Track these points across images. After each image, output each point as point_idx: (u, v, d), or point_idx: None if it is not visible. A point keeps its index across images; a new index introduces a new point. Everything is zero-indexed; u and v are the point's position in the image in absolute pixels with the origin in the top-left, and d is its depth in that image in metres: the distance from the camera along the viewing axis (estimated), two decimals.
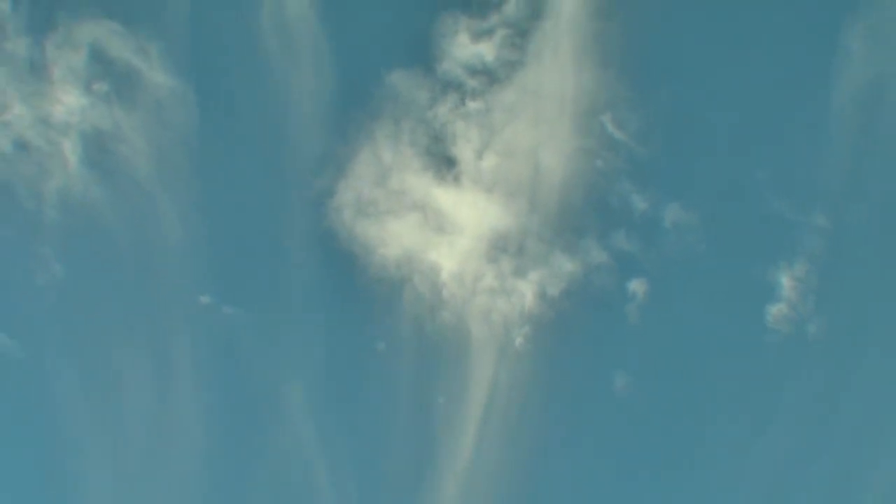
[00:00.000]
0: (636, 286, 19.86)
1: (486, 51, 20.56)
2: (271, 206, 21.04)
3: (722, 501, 19.31)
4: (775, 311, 19.47)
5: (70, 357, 20.58)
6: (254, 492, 20.08)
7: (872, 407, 19.05)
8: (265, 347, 20.90)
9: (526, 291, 20.19)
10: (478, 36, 20.57)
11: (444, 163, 20.83)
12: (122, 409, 20.44)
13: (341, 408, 20.42)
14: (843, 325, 19.52)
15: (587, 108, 20.31)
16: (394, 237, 20.80)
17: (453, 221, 20.68)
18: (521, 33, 20.49)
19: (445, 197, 20.76)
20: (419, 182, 20.90)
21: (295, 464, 20.04)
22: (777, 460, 19.23)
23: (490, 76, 20.63)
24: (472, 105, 20.66)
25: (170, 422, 20.43)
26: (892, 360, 19.13)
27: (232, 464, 20.35)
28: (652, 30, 20.10)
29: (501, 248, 20.43)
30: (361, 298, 20.74)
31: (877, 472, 18.75)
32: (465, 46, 20.58)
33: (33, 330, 20.57)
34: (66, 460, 20.29)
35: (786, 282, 19.48)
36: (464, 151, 20.75)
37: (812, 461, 19.18)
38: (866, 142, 19.34)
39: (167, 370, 20.58)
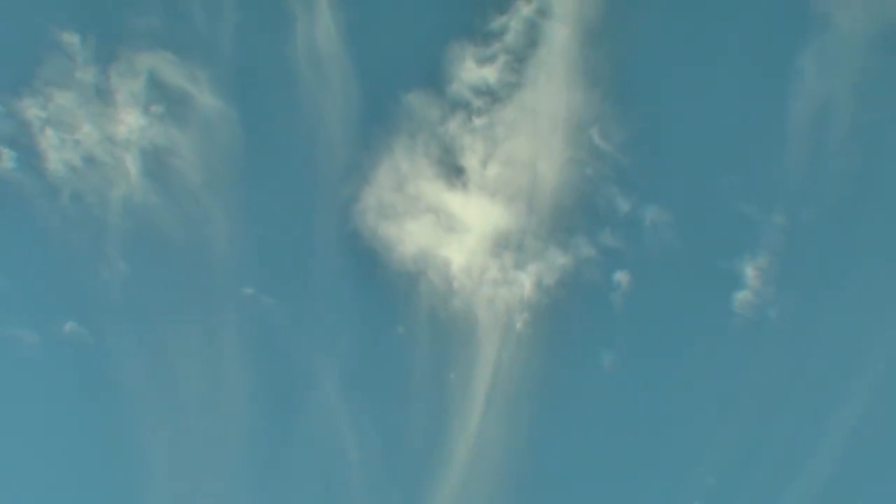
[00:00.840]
0: (620, 277, 22.97)
1: (490, 74, 23.69)
2: (304, 210, 24.27)
3: (695, 461, 22.37)
4: (741, 297, 22.54)
5: (132, 341, 23.85)
6: (292, 455, 23.32)
7: (823, 379, 22.09)
8: (299, 332, 24.12)
9: (525, 282, 23.35)
10: (482, 61, 23.71)
11: (453, 171, 24.00)
12: (177, 385, 23.71)
13: (366, 383, 23.62)
14: (799, 310, 22.55)
15: (577, 124, 23.41)
16: (410, 236, 23.95)
17: (462, 222, 23.83)
18: (520, 59, 23.62)
19: (455, 201, 23.92)
20: (432, 188, 24.05)
21: (327, 431, 23.26)
22: (742, 424, 22.28)
23: (493, 96, 23.79)
24: (478, 121, 23.82)
25: (218, 396, 23.69)
26: (839, 339, 22.15)
27: (272, 431, 23.61)
28: (632, 56, 23.19)
29: (503, 244, 23.59)
30: (383, 289, 23.92)
31: (826, 435, 21.76)
32: (471, 70, 23.72)
33: (101, 319, 23.82)
34: (129, 429, 23.51)
35: (750, 272, 22.52)
36: (471, 161, 23.89)
37: (772, 423, 22.21)
38: (818, 151, 22.32)
39: (216, 351, 23.85)
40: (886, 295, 22.11)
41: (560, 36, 23.38)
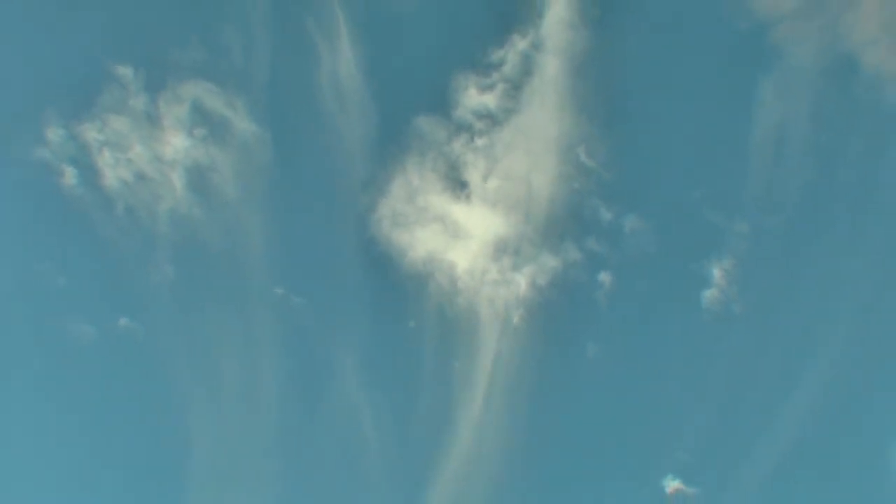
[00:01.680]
0: (604, 277, 26.32)
1: (490, 100, 27.05)
2: (328, 219, 27.68)
3: (669, 439, 25.63)
4: (708, 295, 25.85)
5: (178, 334, 27.28)
6: (317, 431, 26.74)
7: (780, 365, 25.39)
8: (323, 326, 27.53)
9: (521, 282, 26.72)
10: (483, 89, 27.07)
11: (458, 185, 27.36)
12: (217, 372, 27.12)
13: (381, 370, 27.01)
14: (759, 306, 25.85)
15: (566, 143, 26.74)
16: (420, 242, 27.32)
17: (465, 229, 27.20)
18: (516, 87, 26.98)
19: (459, 211, 27.29)
20: (439, 200, 27.41)
21: (348, 411, 26.66)
22: (710, 406, 25.59)
23: (492, 119, 27.15)
24: (479, 141, 27.18)
25: (254, 381, 27.12)
26: (794, 331, 25.44)
27: (301, 411, 27.04)
28: (615, 85, 26.48)
29: (502, 249, 26.95)
30: (396, 289, 27.31)
31: (783, 413, 25.04)
32: (474, 97, 27.07)
33: (151, 315, 27.27)
34: (176, 411, 26.97)
35: (716, 273, 25.84)
36: (473, 176, 27.25)
37: (736, 404, 25.46)
38: (776, 167, 25.58)
39: (251, 343, 27.29)
40: (835, 293, 25.40)
41: (551, 67, 26.73)
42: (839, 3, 24.14)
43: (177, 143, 27.36)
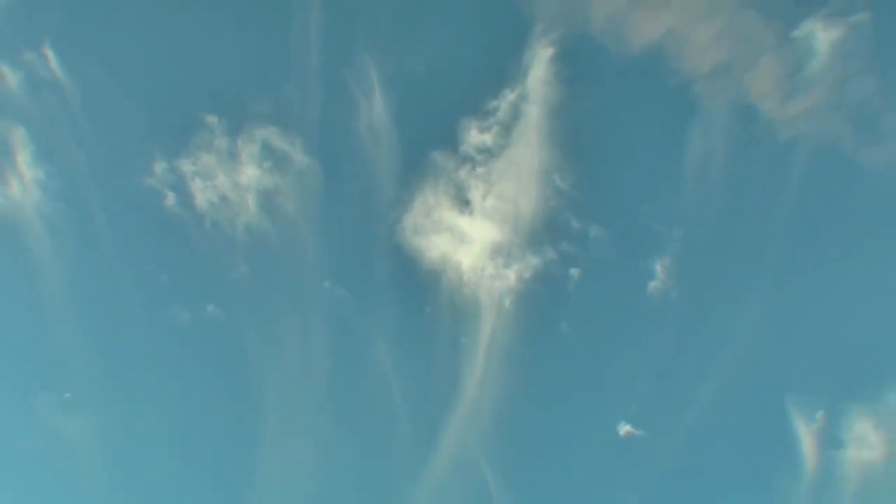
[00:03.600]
0: (573, 272, 34.79)
1: (487, 139, 35.59)
2: (364, 229, 36.30)
3: (622, 394, 34.04)
4: (653, 285, 34.24)
5: (252, 319, 36.05)
6: (357, 393, 35.39)
7: (706, 337, 33.81)
8: (361, 312, 36.15)
9: (511, 276, 35.25)
10: (482, 130, 35.60)
11: (463, 203, 35.93)
12: (281, 347, 35.87)
13: (406, 344, 35.64)
14: (691, 293, 34.22)
15: (545, 171, 35.25)
16: (435, 246, 35.92)
17: (469, 237, 35.79)
18: (507, 129, 35.49)
19: (464, 223, 35.87)
20: (449, 214, 35.98)
21: (380, 376, 35.29)
22: (653, 368, 34.03)
23: (489, 153, 35.69)
24: (479, 170, 35.73)
25: (309, 355, 35.82)
26: (718, 311, 33.77)
27: (344, 378, 35.70)
28: (580, 127, 34.95)
29: (497, 251, 35.52)
30: (416, 282, 35.90)
31: (708, 373, 33.38)
32: (475, 136, 35.63)
33: (231, 303, 36.04)
34: (250, 375, 35.74)
35: (658, 268, 34.20)
36: (475, 196, 35.82)
37: (673, 366, 33.89)
38: (701, 189, 33.95)
39: (306, 325, 35.99)
40: (746, 282, 33.72)
41: (534, 113, 35.25)
42: (742, 66, 32.54)
43: (250, 173, 36.15)
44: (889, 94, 31.18)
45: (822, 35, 31.82)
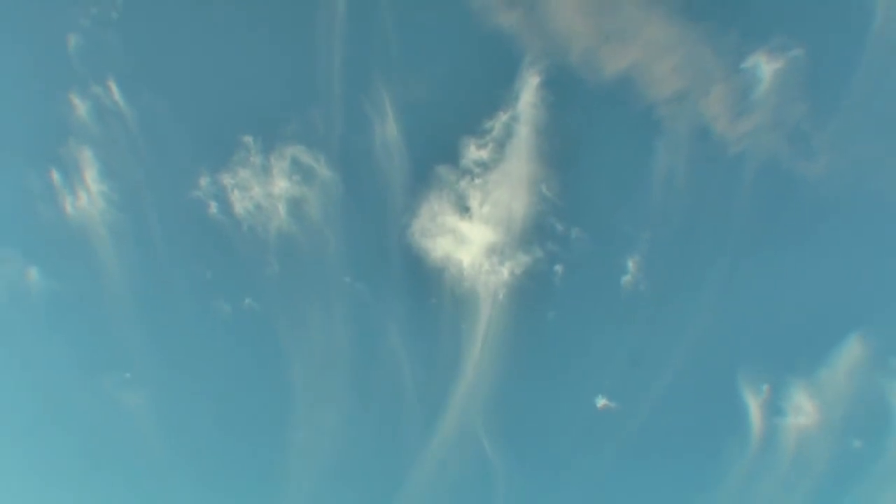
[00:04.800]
0: (558, 268, 40.74)
1: (484, 154, 41.55)
2: (379, 232, 42.37)
3: (598, 370, 39.95)
4: (625, 279, 40.14)
5: (283, 310, 42.25)
6: (374, 370, 41.54)
7: (670, 321, 39.65)
8: (376, 304, 42.26)
9: (504, 272, 41.27)
10: (479, 147, 41.56)
11: (464, 209, 41.94)
12: (308, 333, 42.06)
13: (415, 331, 41.70)
14: (657, 285, 40.10)
15: (533, 181, 41.22)
16: (439, 247, 41.96)
17: (468, 238, 41.80)
18: (501, 145, 41.45)
19: (464, 226, 41.89)
20: (452, 219, 42.01)
21: (394, 358, 41.38)
22: (624, 347, 39.91)
23: (486, 167, 41.68)
24: (477, 181, 41.72)
25: (332, 342, 41.98)
26: (678, 301, 39.62)
27: (362, 357, 41.87)
28: (563, 144, 40.87)
29: (492, 251, 41.55)
30: (424, 278, 41.95)
31: (672, 350, 39.22)
32: (474, 152, 41.59)
33: (266, 297, 42.27)
34: (282, 358, 41.98)
35: (631, 265, 40.11)
36: (473, 204, 41.82)
37: (642, 345, 39.72)
38: (666, 197, 39.80)
39: (329, 314, 42.14)
40: (704, 275, 39.55)
41: (524, 132, 41.19)
42: (698, 92, 38.42)
43: (281, 185, 42.31)
44: (819, 117, 37.03)
45: (765, 67, 37.68)
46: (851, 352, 36.67)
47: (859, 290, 37.26)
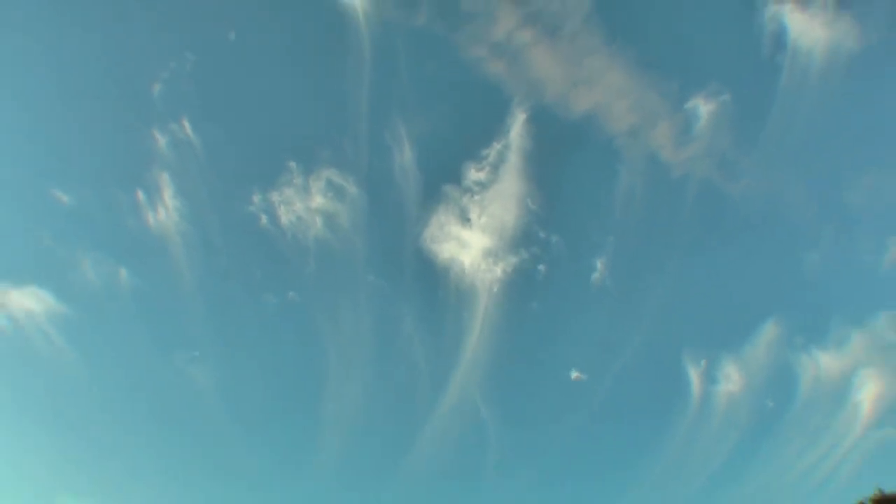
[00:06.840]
0: (541, 268, 50.86)
1: (482, 175, 51.80)
2: (397, 239, 52.66)
3: (572, 349, 50.00)
4: (595, 276, 50.22)
5: (320, 303, 52.54)
6: (391, 352, 51.71)
7: (629, 311, 49.67)
8: (394, 298, 52.53)
9: (498, 271, 51.44)
10: (478, 170, 51.82)
11: (465, 220, 52.18)
12: (339, 322, 52.32)
13: (425, 320, 51.88)
14: (621, 282, 50.14)
15: (521, 197, 51.39)
16: (446, 250, 52.18)
17: (469, 244, 52.01)
18: (496, 168, 51.69)
19: (466, 234, 52.11)
20: (456, 228, 52.24)
21: (407, 343, 51.58)
22: (591, 329, 49.94)
23: (483, 186, 51.91)
24: (476, 197, 51.95)
25: (358, 330, 52.19)
26: (637, 294, 49.68)
27: (382, 342, 52.08)
28: (546, 168, 51.06)
29: (488, 253, 51.73)
30: (433, 276, 52.18)
31: (629, 337, 49.28)
32: (474, 174, 51.85)
33: (305, 291, 52.61)
34: (318, 343, 52.23)
35: (599, 264, 50.19)
36: (473, 216, 52.05)
37: (609, 329, 49.78)
38: (626, 211, 49.84)
39: (355, 306, 52.43)
40: (656, 273, 49.64)
41: (515, 158, 51.43)
42: (649, 127, 48.63)
43: (318, 201, 52.69)
44: (742, 148, 47.29)
45: (703, 107, 47.95)
46: (768, 333, 46.90)
47: (774, 285, 47.46)
